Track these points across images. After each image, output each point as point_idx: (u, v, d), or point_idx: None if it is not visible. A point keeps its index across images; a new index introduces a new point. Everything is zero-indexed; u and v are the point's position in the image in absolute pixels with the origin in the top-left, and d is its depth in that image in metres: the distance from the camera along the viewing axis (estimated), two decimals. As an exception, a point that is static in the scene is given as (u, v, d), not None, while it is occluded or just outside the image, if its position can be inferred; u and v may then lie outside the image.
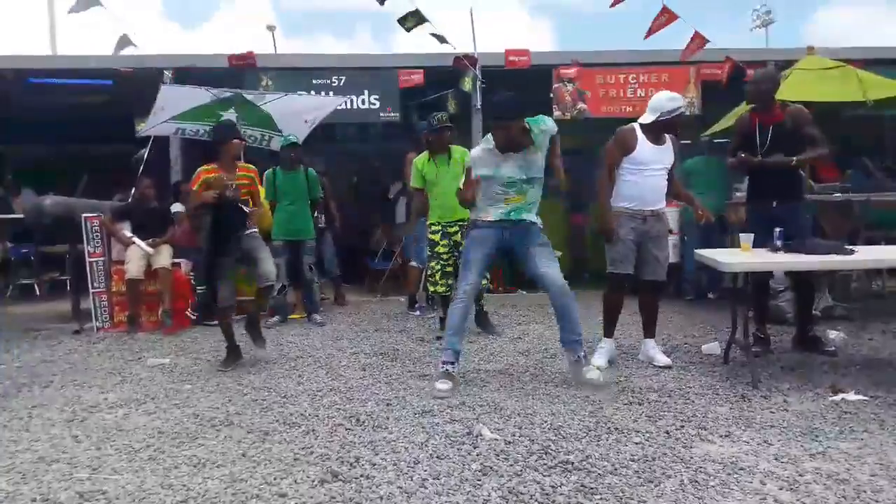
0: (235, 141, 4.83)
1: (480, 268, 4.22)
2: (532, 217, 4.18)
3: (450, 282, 5.41)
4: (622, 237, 4.37)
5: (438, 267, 5.48)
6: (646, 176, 4.33)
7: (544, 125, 4.05)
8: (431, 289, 5.61)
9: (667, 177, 4.41)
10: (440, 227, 5.48)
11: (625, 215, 4.38)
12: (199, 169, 4.82)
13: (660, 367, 4.38)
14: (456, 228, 5.43)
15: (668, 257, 4.52)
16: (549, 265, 4.09)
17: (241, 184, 4.80)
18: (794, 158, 4.46)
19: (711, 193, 6.92)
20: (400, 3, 6.97)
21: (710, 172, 6.97)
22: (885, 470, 2.74)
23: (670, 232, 4.63)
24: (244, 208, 4.82)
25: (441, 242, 5.47)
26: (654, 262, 4.44)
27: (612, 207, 4.40)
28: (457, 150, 5.56)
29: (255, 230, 5.07)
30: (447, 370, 4.06)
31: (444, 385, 3.95)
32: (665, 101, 4.35)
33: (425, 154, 5.61)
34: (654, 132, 4.36)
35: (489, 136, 4.13)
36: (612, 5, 7.19)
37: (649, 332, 4.60)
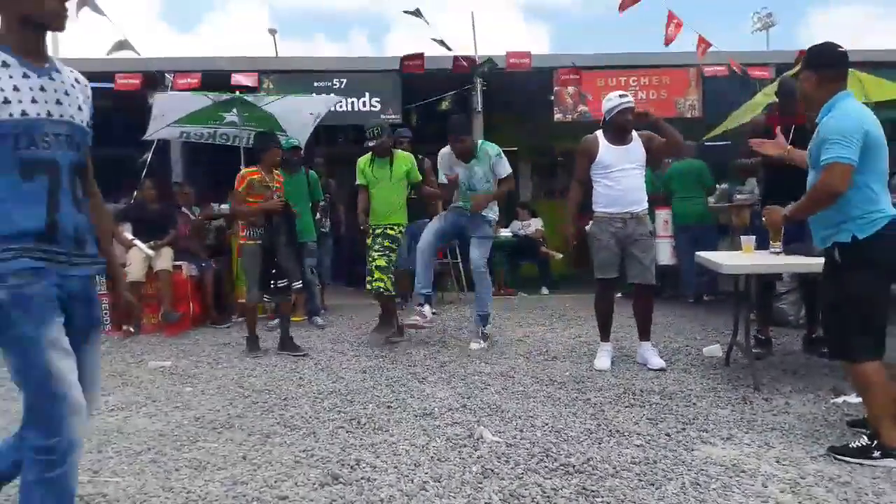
0: (273, 149, 5.33)
1: (434, 234, 5.30)
2: (489, 215, 5.29)
3: (386, 276, 5.21)
4: (604, 243, 4.44)
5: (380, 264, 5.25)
6: (615, 178, 4.39)
7: (490, 149, 5.19)
8: (369, 287, 5.31)
9: (642, 174, 4.47)
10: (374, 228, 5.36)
11: (604, 220, 4.45)
12: (242, 171, 5.33)
13: (654, 370, 4.36)
14: (394, 231, 5.36)
15: (654, 259, 4.51)
16: (478, 252, 5.25)
17: (278, 188, 5.34)
18: None
19: (692, 196, 6.99)
20: (396, 6, 7.03)
21: (691, 176, 7.03)
22: (887, 473, 2.73)
23: (651, 234, 4.62)
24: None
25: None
26: (639, 265, 4.44)
27: (594, 213, 4.53)
28: (400, 156, 5.44)
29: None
30: (420, 307, 5.27)
31: (420, 316, 5.18)
32: (606, 101, 4.47)
33: (367, 155, 5.45)
34: (613, 133, 4.45)
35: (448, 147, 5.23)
36: (621, 11, 7.25)
37: (644, 334, 4.59)
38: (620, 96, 4.43)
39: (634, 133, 4.49)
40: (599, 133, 4.54)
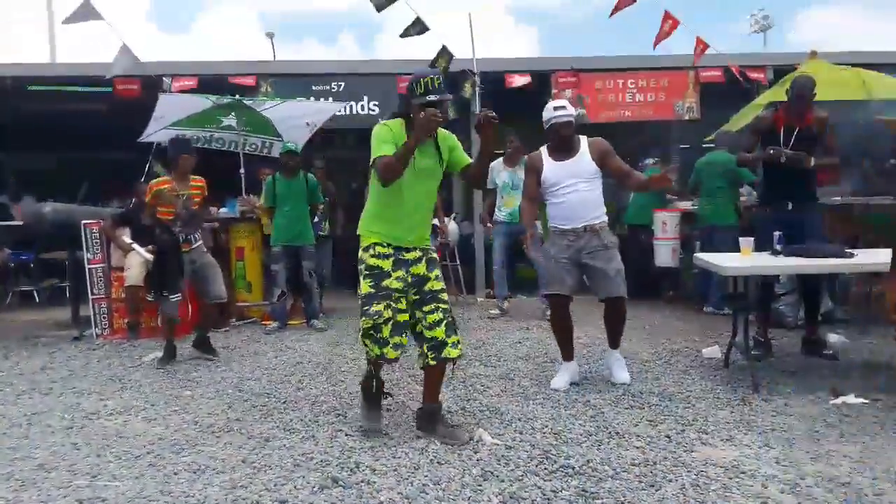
0: (185, 156, 5.02)
1: (503, 251, 6.60)
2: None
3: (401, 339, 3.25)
4: (554, 256, 4.16)
5: (389, 314, 3.14)
6: (562, 195, 4.12)
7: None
8: (376, 351, 3.16)
9: (594, 188, 4.12)
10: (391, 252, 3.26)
11: (558, 234, 4.19)
12: (151, 182, 5.07)
13: (616, 383, 4.16)
14: (418, 254, 3.30)
15: (619, 269, 4.09)
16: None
17: (193, 194, 5.06)
18: (812, 159, 4.49)
19: (713, 193, 6.83)
20: (400, 10, 7.03)
21: (713, 170, 6.83)
22: (887, 473, 2.73)
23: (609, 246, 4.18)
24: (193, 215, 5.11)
25: (395, 274, 3.20)
26: (603, 277, 4.08)
27: (550, 228, 4.29)
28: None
29: (201, 242, 5.21)
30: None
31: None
32: (544, 113, 4.16)
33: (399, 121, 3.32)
34: (556, 148, 4.19)
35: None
36: (612, 14, 7.24)
37: (613, 343, 4.31)
38: (556, 108, 4.13)
39: (583, 142, 4.16)
40: (544, 148, 4.27)
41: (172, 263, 5.00)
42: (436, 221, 6.73)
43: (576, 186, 4.09)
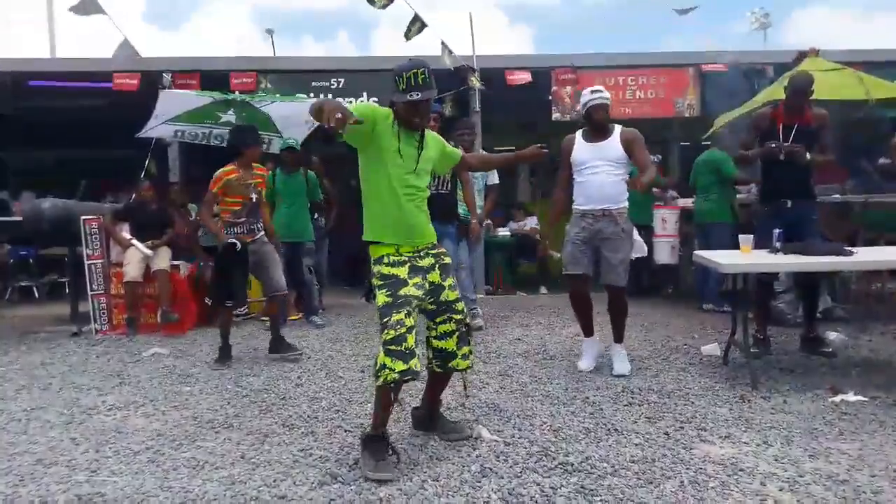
0: (255, 147, 5.08)
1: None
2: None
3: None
4: (572, 237, 4.32)
5: (411, 322, 2.87)
6: (587, 175, 4.26)
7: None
8: (400, 367, 2.80)
9: (618, 173, 4.23)
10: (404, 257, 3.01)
11: (577, 215, 4.34)
12: (218, 171, 4.95)
13: (615, 374, 4.24)
14: (431, 260, 3.07)
15: (623, 259, 4.22)
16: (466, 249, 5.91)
17: (257, 183, 5.09)
18: (809, 155, 4.49)
19: (707, 191, 6.79)
20: (394, 8, 7.04)
21: (707, 168, 6.80)
22: (885, 471, 2.74)
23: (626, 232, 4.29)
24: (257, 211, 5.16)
25: (412, 281, 2.94)
26: (607, 265, 4.23)
27: (573, 210, 4.41)
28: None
29: (263, 234, 5.19)
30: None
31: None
32: (582, 96, 4.36)
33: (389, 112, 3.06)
34: (590, 131, 4.34)
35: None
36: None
37: (616, 335, 4.41)
38: (592, 91, 4.28)
39: (617, 130, 4.28)
40: (579, 132, 4.42)
41: (237, 273, 5.08)
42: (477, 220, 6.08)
43: (601, 168, 4.24)
